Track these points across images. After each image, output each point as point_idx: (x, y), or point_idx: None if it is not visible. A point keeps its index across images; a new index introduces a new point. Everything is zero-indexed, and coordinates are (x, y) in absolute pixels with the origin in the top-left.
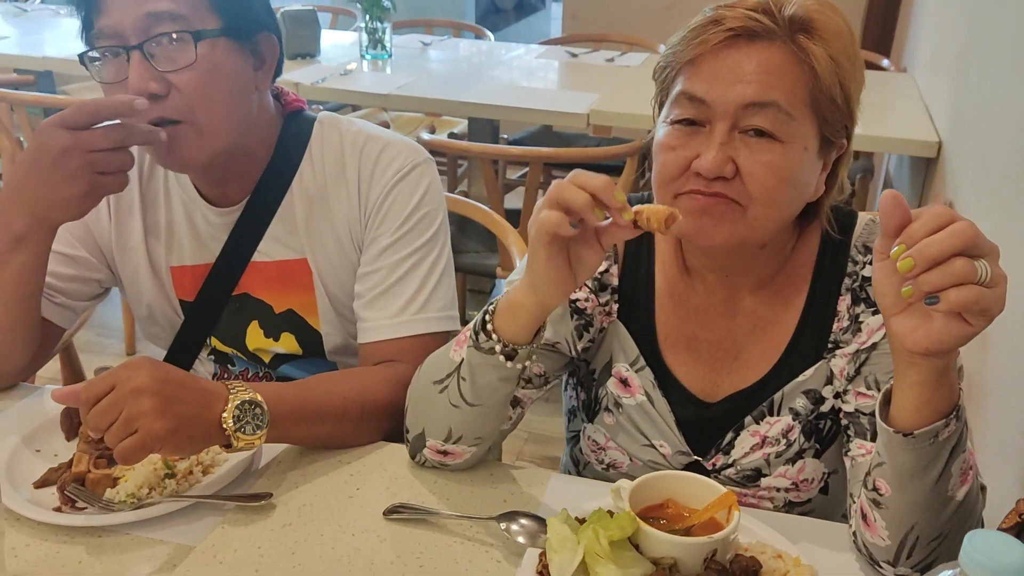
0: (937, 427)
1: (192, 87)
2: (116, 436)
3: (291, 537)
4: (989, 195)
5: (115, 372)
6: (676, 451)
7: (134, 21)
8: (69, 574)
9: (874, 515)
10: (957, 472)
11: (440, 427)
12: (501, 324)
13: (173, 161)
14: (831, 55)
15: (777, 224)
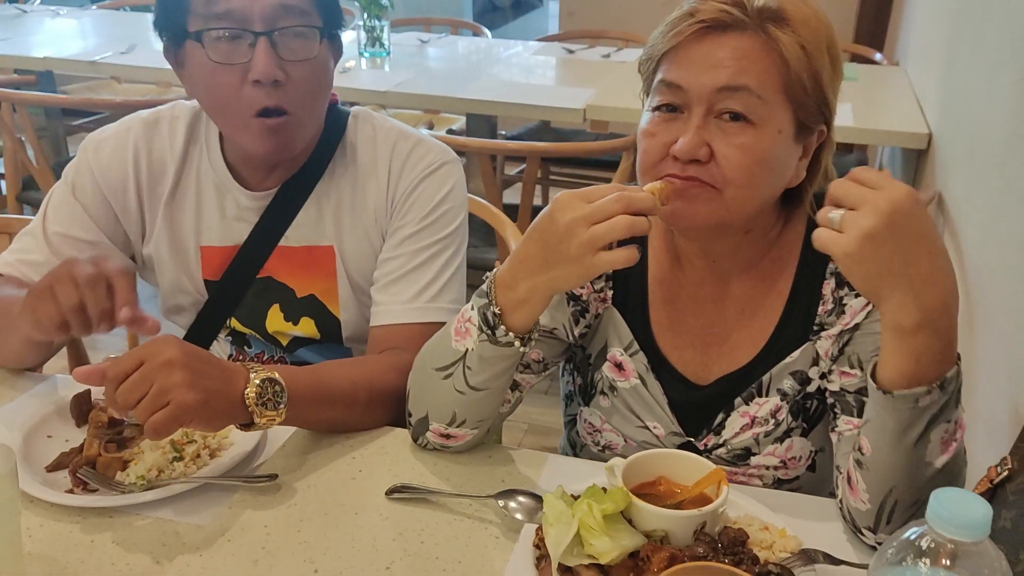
0: (918, 393)
1: (306, 80)
2: (148, 409)
3: (296, 516)
4: (977, 184)
5: (141, 349)
6: (669, 432)
7: (263, 8)
8: (82, 552)
9: (857, 476)
10: (937, 440)
11: (445, 412)
12: (514, 321)
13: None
14: (801, 43)
15: (754, 206)
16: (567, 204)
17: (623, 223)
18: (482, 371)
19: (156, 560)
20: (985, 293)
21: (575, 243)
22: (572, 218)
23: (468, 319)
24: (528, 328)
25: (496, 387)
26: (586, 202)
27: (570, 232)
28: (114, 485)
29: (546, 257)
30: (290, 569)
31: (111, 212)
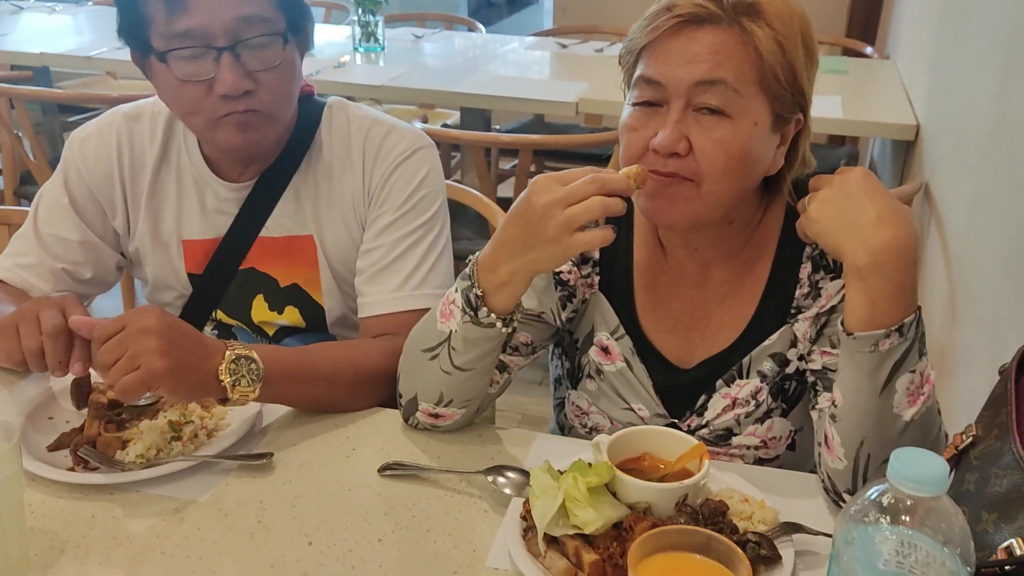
0: (877, 335)
1: (276, 84)
2: (119, 371)
3: (291, 492)
4: (961, 174)
5: (125, 315)
6: (653, 414)
7: (225, 23)
8: (83, 527)
9: (832, 432)
10: (903, 390)
11: (432, 392)
12: (496, 303)
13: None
14: (775, 36)
15: (732, 198)
16: (543, 187)
17: (597, 203)
18: (467, 352)
19: (156, 534)
20: (967, 280)
21: (552, 224)
22: (548, 200)
23: (452, 301)
24: (510, 309)
25: (481, 367)
26: (561, 184)
27: (547, 214)
28: (114, 463)
29: (525, 239)
30: (285, 541)
31: (100, 208)
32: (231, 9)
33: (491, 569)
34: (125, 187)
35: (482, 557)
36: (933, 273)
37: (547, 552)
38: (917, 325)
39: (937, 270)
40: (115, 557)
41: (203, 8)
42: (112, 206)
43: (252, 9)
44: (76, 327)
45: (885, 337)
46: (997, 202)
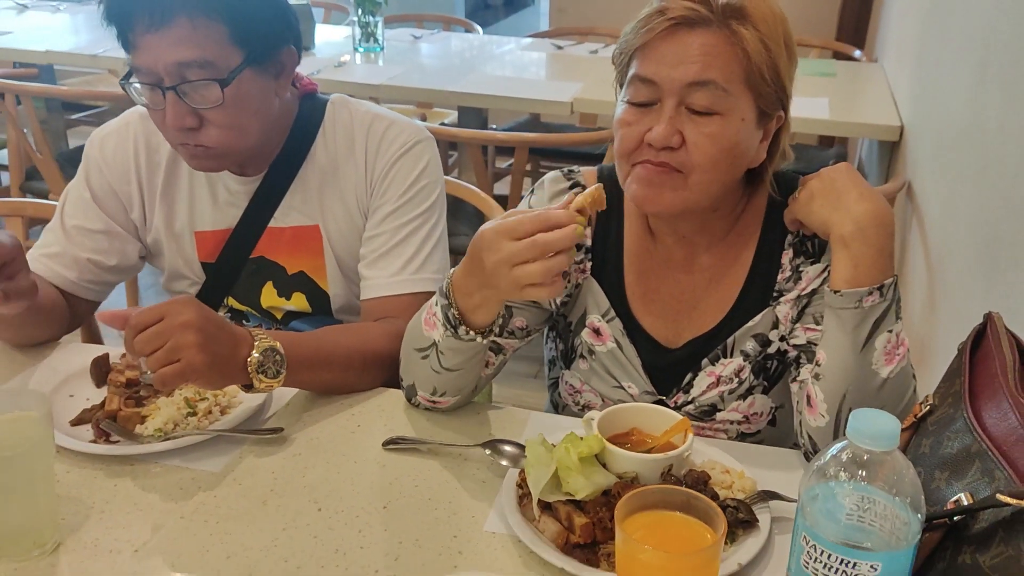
0: (861, 292)
1: (222, 120)
2: (160, 362)
3: (301, 464)
4: (939, 170)
5: (164, 306)
6: (642, 391)
7: (166, 66)
8: (106, 495)
9: (815, 390)
10: (881, 348)
11: (427, 385)
12: (474, 320)
13: (203, 168)
14: (760, 38)
15: (719, 187)
16: (491, 244)
17: (538, 269)
18: (453, 358)
19: (175, 500)
20: (944, 270)
21: (503, 281)
22: (496, 260)
23: (434, 313)
24: (488, 325)
25: (469, 367)
26: (509, 239)
27: (496, 272)
28: (134, 437)
29: (484, 281)
30: (296, 507)
31: (120, 203)
32: (170, 54)
33: (489, 533)
34: (141, 182)
35: (480, 523)
36: (914, 267)
37: (541, 517)
38: (895, 289)
39: (918, 264)
40: (137, 521)
41: (148, 50)
42: (130, 200)
43: (192, 55)
44: (107, 321)
45: (868, 294)
46: (970, 197)
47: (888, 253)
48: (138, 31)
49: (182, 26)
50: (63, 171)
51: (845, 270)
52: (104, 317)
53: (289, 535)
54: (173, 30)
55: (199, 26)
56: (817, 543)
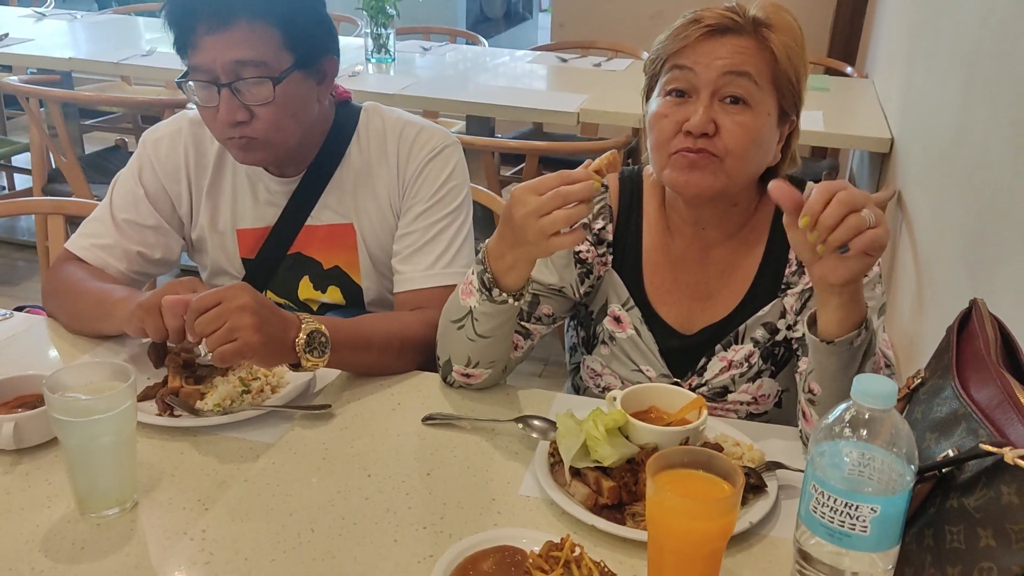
0: (852, 336)
1: (269, 117)
2: (219, 341)
3: (348, 436)
4: (928, 180)
5: (222, 291)
6: (659, 374)
7: (224, 65)
8: (175, 461)
9: (810, 411)
10: (869, 370)
11: (461, 355)
12: (506, 283)
13: (244, 160)
14: (786, 44)
15: (746, 177)
16: (519, 199)
17: (563, 216)
18: (486, 323)
19: (236, 466)
20: (932, 272)
21: (530, 232)
22: (523, 213)
23: (470, 282)
24: (520, 287)
25: (501, 334)
26: (535, 195)
27: (524, 224)
28: (195, 411)
29: (514, 239)
30: (348, 474)
31: (168, 200)
32: (229, 53)
33: (524, 497)
34: (190, 182)
35: (515, 487)
36: (904, 270)
37: (572, 482)
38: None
39: (907, 268)
40: (205, 483)
41: (207, 50)
42: (179, 198)
43: (249, 54)
44: (171, 305)
45: (857, 336)
46: (957, 203)
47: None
48: (199, 32)
49: (241, 28)
50: (85, 174)
51: (835, 320)
52: (168, 302)
53: (343, 496)
54: (232, 31)
55: (256, 29)
56: (825, 490)
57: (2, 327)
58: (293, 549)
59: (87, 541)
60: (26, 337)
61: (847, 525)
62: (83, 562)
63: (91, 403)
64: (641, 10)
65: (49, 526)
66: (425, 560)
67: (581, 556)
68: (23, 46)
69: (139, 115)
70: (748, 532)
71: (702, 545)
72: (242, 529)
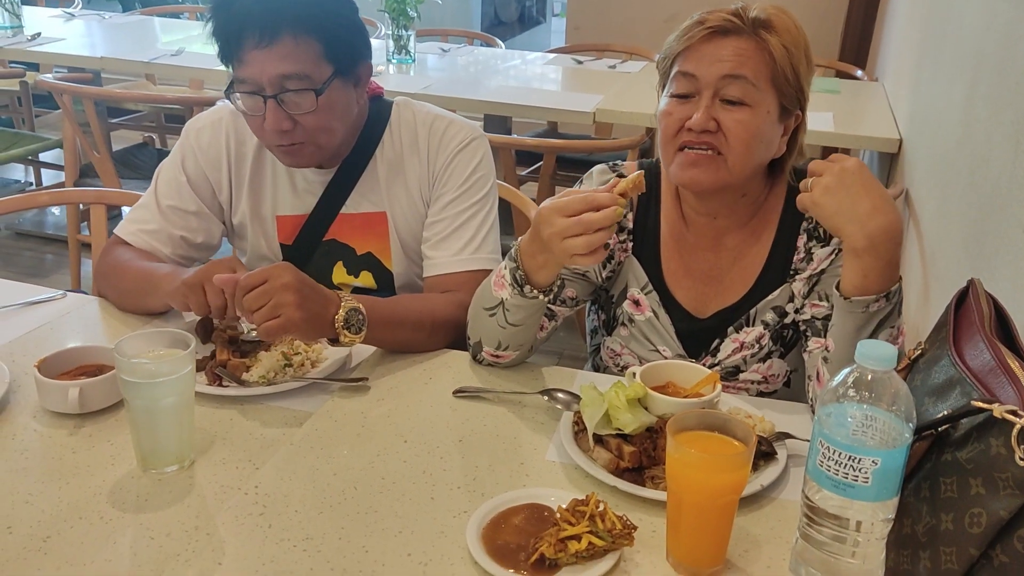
0: (868, 300)
1: (313, 124)
2: (264, 316)
3: (385, 407)
4: (934, 178)
5: (267, 270)
6: (675, 355)
7: (270, 78)
8: (225, 426)
9: (823, 370)
10: (883, 339)
11: (492, 340)
12: (537, 280)
13: (294, 164)
14: (784, 45)
15: (750, 169)
16: (546, 219)
17: (583, 243)
18: (517, 313)
19: (281, 431)
20: (937, 265)
21: (555, 249)
22: (549, 233)
23: (502, 275)
24: (549, 284)
25: (530, 323)
26: (561, 216)
27: (550, 243)
28: (242, 382)
29: (543, 248)
30: (386, 439)
31: (210, 187)
32: (275, 67)
33: (550, 462)
34: (231, 170)
35: (542, 453)
36: (911, 264)
37: (595, 448)
38: (899, 292)
39: (914, 262)
40: (254, 446)
41: (254, 64)
42: (219, 185)
43: (293, 68)
44: (221, 283)
45: (875, 301)
46: (959, 199)
47: (895, 263)
48: (247, 47)
49: (286, 43)
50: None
51: (855, 279)
52: (218, 280)
53: (383, 459)
54: (279, 47)
55: (301, 43)
56: (831, 444)
57: (58, 306)
58: (339, 504)
59: (150, 494)
60: (80, 314)
61: (851, 477)
62: (147, 511)
63: (156, 367)
64: (655, 13)
65: (114, 481)
66: (460, 515)
67: (605, 511)
68: (55, 45)
69: (163, 114)
70: (759, 494)
71: (717, 497)
72: (291, 486)
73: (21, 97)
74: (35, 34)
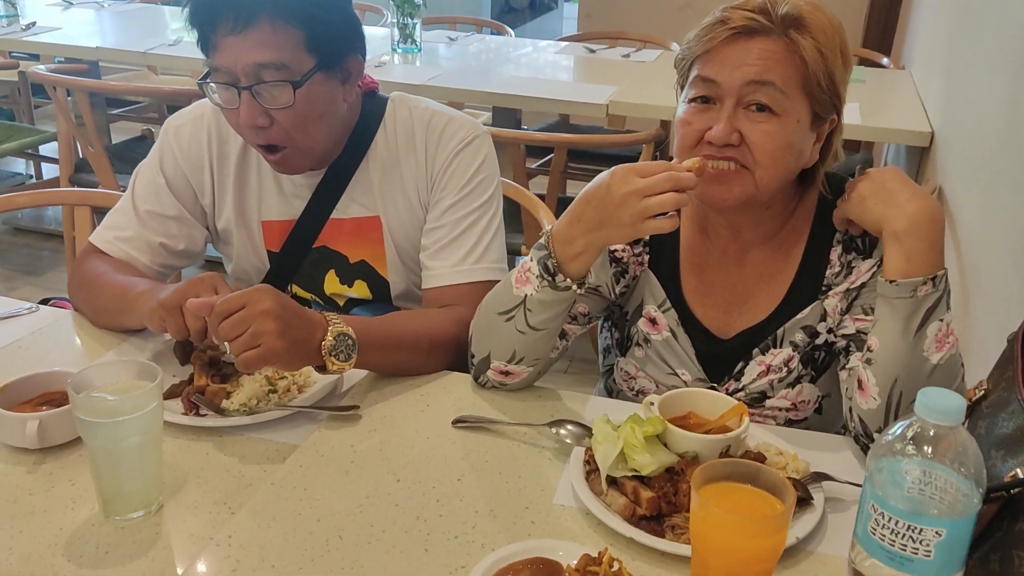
0: (915, 282)
1: (290, 121)
2: (242, 346)
3: (377, 438)
4: (973, 177)
5: (245, 294)
6: (695, 379)
7: (245, 67)
8: (200, 462)
9: (867, 375)
10: (932, 336)
11: (505, 350)
12: (572, 269)
13: (284, 171)
14: (818, 47)
15: (779, 183)
16: (623, 177)
17: (672, 199)
18: (541, 312)
19: (263, 469)
20: (979, 274)
21: (628, 212)
22: (627, 191)
23: (528, 269)
24: (583, 274)
25: (551, 328)
26: (640, 176)
27: (625, 202)
28: (221, 410)
29: (601, 220)
30: (376, 478)
31: (191, 189)
32: (250, 56)
33: (559, 506)
34: (213, 171)
35: (550, 495)
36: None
37: (608, 491)
38: (946, 280)
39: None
40: (231, 485)
41: (228, 51)
42: (201, 187)
43: (270, 57)
44: (195, 309)
45: (923, 284)
46: (1008, 201)
47: (939, 248)
48: (221, 32)
49: (263, 29)
50: (112, 164)
51: (898, 263)
52: (192, 305)
53: (372, 502)
54: (255, 32)
55: (279, 30)
56: (885, 511)
57: (27, 321)
58: (321, 557)
59: (111, 545)
60: (52, 332)
61: (909, 549)
62: (107, 567)
63: (117, 403)
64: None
65: (73, 529)
66: (457, 571)
67: (620, 572)
68: (51, 35)
69: (165, 105)
70: (794, 548)
71: (751, 564)
72: (269, 535)
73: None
74: (30, 23)
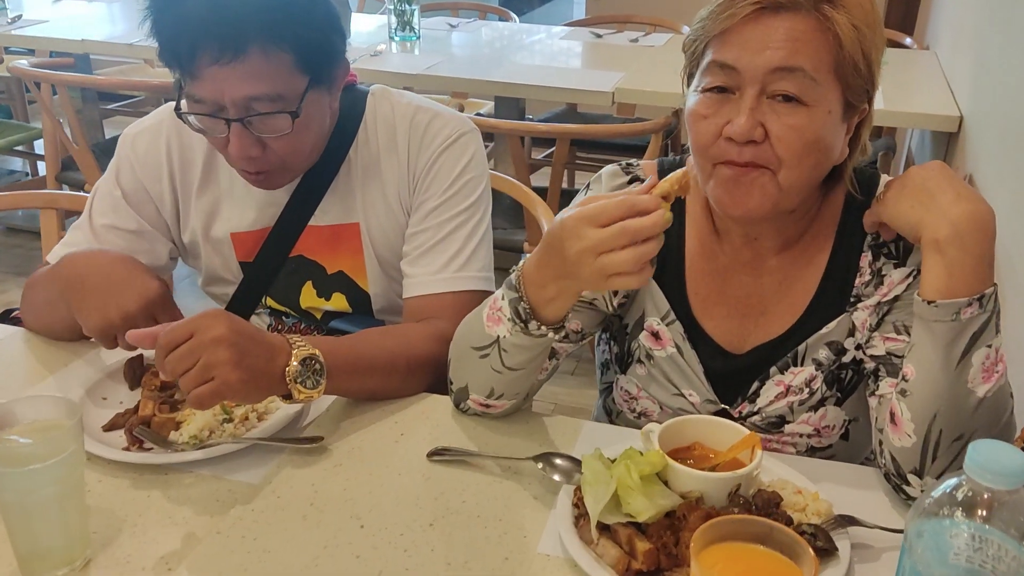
0: (959, 303)
1: (286, 148)
2: (193, 382)
3: (342, 476)
4: (1008, 165)
5: (193, 321)
6: (704, 400)
7: (234, 99)
8: (139, 506)
9: (901, 408)
10: (979, 365)
11: (483, 387)
12: (546, 315)
13: (265, 187)
14: (853, 23)
15: (806, 187)
16: (574, 231)
17: (632, 257)
18: (517, 355)
19: (210, 514)
20: (1015, 271)
21: (587, 271)
22: (580, 248)
23: (499, 308)
24: (560, 319)
25: (532, 367)
26: (593, 227)
27: (580, 261)
28: (168, 444)
29: (565, 271)
30: (337, 524)
31: (151, 202)
32: (241, 89)
33: (543, 556)
34: (175, 180)
35: (533, 543)
36: None
37: (599, 540)
38: (995, 299)
39: None
40: (172, 536)
41: (212, 82)
42: (161, 198)
43: (263, 89)
44: (136, 341)
45: (967, 306)
46: None
47: (988, 260)
48: (202, 62)
49: (254, 60)
50: (99, 161)
51: (939, 278)
52: (133, 336)
53: (330, 554)
54: (245, 64)
55: (271, 58)
56: None
57: None
58: None
59: None
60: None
61: None
62: None
63: (28, 449)
64: None
65: None
66: None
67: None
68: (37, 28)
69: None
70: None
71: None
72: None
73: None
74: (16, 16)
